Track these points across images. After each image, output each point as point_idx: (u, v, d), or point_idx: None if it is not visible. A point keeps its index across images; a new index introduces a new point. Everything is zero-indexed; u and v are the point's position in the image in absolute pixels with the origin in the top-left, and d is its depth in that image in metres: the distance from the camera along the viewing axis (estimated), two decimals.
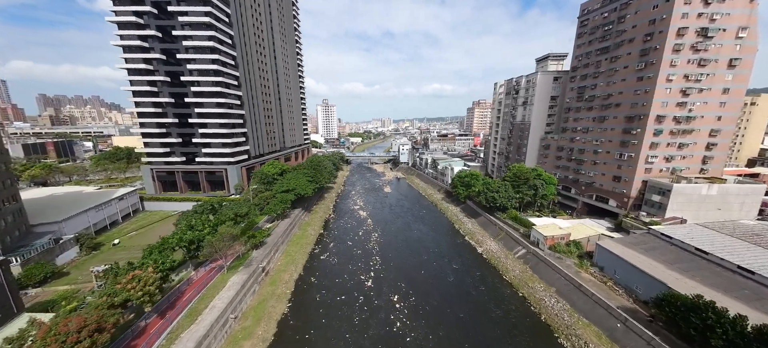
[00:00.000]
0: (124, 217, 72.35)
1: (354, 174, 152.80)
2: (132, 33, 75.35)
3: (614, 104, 64.84)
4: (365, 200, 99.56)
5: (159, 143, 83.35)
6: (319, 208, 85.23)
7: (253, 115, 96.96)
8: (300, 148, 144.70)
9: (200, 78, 78.78)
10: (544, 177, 72.12)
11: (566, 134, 76.99)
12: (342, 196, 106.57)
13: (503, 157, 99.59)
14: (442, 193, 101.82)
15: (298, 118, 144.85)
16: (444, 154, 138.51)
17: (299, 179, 75.13)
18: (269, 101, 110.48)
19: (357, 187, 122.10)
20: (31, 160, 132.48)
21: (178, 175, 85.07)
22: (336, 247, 60.39)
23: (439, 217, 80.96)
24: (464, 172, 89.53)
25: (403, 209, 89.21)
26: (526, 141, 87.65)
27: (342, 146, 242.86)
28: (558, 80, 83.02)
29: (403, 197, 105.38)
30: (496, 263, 52.73)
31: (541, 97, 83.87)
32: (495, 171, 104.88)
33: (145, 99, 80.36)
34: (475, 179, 79.32)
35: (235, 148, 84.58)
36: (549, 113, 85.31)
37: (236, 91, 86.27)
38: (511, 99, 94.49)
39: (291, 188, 70.11)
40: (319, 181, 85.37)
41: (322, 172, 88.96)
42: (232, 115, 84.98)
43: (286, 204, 64.11)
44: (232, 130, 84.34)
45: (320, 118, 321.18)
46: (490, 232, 64.75)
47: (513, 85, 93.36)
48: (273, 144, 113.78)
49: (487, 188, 69.29)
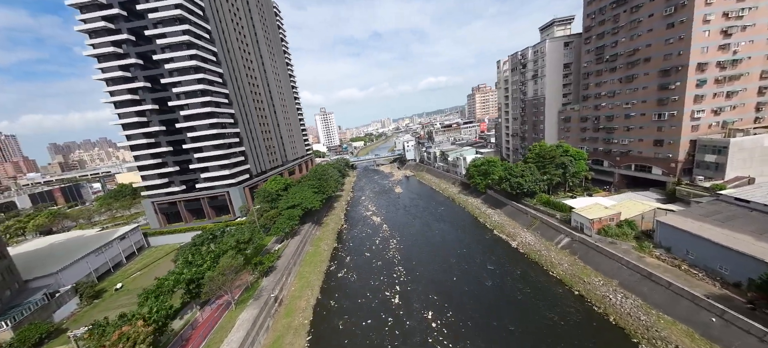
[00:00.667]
0: (128, 257, 68.49)
1: (361, 178, 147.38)
2: (112, 64, 71.73)
3: (643, 60, 57.44)
4: (377, 204, 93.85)
5: (156, 174, 79.50)
6: (330, 219, 79.88)
7: (250, 131, 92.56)
8: (303, 159, 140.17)
9: (188, 101, 74.61)
10: (572, 152, 64.99)
11: (588, 102, 69.70)
12: (352, 203, 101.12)
13: (518, 138, 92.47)
14: (457, 185, 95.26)
15: (297, 129, 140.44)
16: (452, 145, 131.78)
17: (305, 192, 69.95)
18: (264, 116, 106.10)
19: (366, 191, 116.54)
20: (39, 208, 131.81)
21: (180, 204, 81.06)
22: (353, 261, 54.73)
23: (459, 213, 74.53)
24: (478, 160, 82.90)
25: (418, 209, 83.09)
26: (543, 117, 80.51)
27: (345, 152, 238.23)
28: (569, 46, 75.76)
29: (416, 196, 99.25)
30: (538, 257, 46.11)
31: (552, 67, 76.74)
32: (511, 154, 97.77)
33: (136, 131, 76.61)
34: (493, 166, 72.65)
35: (234, 169, 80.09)
36: (564, 83, 78.04)
37: (228, 110, 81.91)
38: (519, 75, 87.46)
39: (297, 203, 64.94)
40: (326, 191, 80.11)
41: (328, 181, 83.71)
42: (227, 135, 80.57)
43: (294, 221, 58.92)
44: (229, 151, 79.90)
45: (320, 128, 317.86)
46: (521, 221, 58.03)
47: (518, 59, 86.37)
48: (274, 159, 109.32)
49: (509, 174, 62.62)
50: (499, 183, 67.32)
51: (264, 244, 58.74)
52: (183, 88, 73.68)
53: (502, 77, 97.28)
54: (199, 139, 76.84)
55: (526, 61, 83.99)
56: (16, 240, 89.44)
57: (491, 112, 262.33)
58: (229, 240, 43.12)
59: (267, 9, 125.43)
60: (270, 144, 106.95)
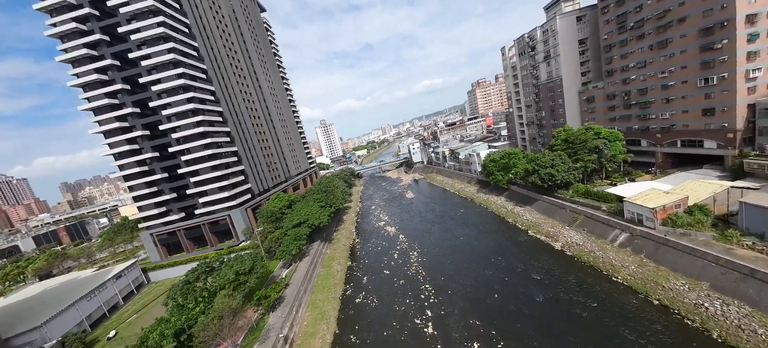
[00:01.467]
0: (126, 297, 62.91)
1: (368, 187, 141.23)
2: (98, 92, 67.75)
3: (676, 21, 50.68)
4: (389, 213, 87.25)
5: (153, 204, 74.52)
6: (341, 234, 73.44)
7: (248, 149, 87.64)
8: (307, 173, 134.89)
9: (179, 122, 69.95)
10: (604, 134, 57.93)
11: (614, 77, 62.83)
12: (362, 214, 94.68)
13: (535, 126, 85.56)
14: (473, 184, 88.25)
15: (298, 143, 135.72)
16: (461, 142, 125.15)
17: (310, 207, 63.92)
18: (263, 132, 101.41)
19: (375, 200, 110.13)
20: (43, 250, 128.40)
21: (180, 234, 75.66)
22: (372, 282, 48.00)
23: (482, 214, 67.43)
24: (495, 153, 76.09)
25: (435, 214, 76.20)
26: (561, 100, 73.70)
27: (349, 161, 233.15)
28: (583, 20, 69.40)
29: (429, 199, 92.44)
30: (592, 260, 38.84)
31: (566, 45, 70.32)
32: (528, 144, 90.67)
33: (128, 160, 72.07)
34: (515, 159, 65.76)
35: (234, 190, 74.72)
36: (582, 60, 71.40)
37: (223, 128, 77.09)
38: (528, 58, 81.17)
39: (303, 220, 58.87)
40: (334, 204, 73.99)
41: (335, 193, 77.70)
42: (224, 154, 75.54)
43: (301, 241, 52.75)
44: (228, 171, 74.72)
45: (322, 140, 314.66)
46: (560, 218, 50.78)
47: (526, 42, 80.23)
48: (277, 176, 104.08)
49: (537, 165, 55.67)
50: (524, 177, 60.31)
51: (270, 271, 52.53)
52: (173, 110, 69.18)
53: (509, 64, 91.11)
54: (194, 162, 71.87)
55: (534, 42, 77.79)
56: (14, 287, 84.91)
57: (494, 106, 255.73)
58: (227, 272, 37.08)
59: (257, 25, 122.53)
60: (271, 160, 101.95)
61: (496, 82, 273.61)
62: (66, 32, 64.94)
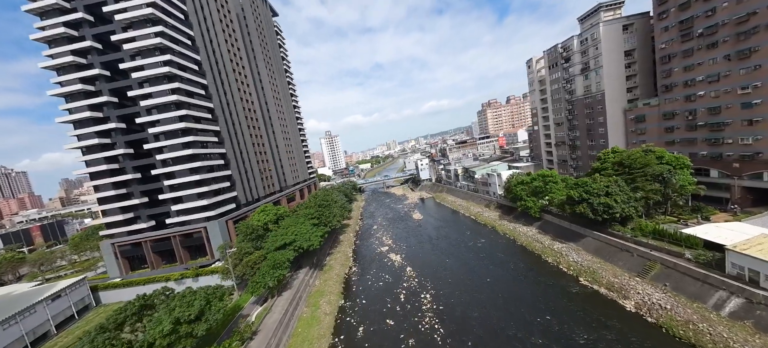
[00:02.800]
0: (61, 325, 50.42)
1: (370, 203, 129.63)
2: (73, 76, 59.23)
3: (764, 26, 40.97)
4: (394, 236, 75.21)
5: (119, 209, 63.71)
6: (335, 259, 61.27)
7: (240, 153, 77.70)
8: (305, 183, 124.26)
9: (160, 116, 60.59)
10: (668, 159, 46.91)
11: (674, 93, 52.65)
12: (362, 234, 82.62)
13: (566, 146, 74.88)
14: (492, 208, 76.48)
15: (298, 151, 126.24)
16: (475, 161, 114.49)
17: (300, 226, 52.52)
18: (259, 135, 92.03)
19: (378, 218, 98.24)
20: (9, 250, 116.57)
21: (146, 246, 64.09)
22: (370, 337, 35.54)
23: (509, 247, 55.26)
24: (521, 175, 65.05)
25: (449, 241, 64.08)
26: (603, 118, 63.42)
27: (352, 174, 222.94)
28: (630, 29, 60.50)
29: (441, 222, 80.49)
30: (693, 336, 26.58)
31: (611, 55, 61.04)
32: (556, 167, 79.60)
33: (97, 155, 62.19)
34: (551, 182, 54.54)
35: (215, 198, 63.90)
36: (628, 74, 61.78)
37: (211, 126, 67.47)
38: (561, 71, 71.99)
39: (289, 241, 47.30)
40: (329, 221, 62.48)
41: (332, 208, 66.41)
42: (208, 156, 65.41)
43: (282, 269, 41.01)
44: (210, 175, 64.26)
45: (325, 151, 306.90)
46: (623, 264, 38.67)
47: (559, 53, 71.36)
48: (271, 185, 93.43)
49: (586, 192, 44.26)
50: (567, 205, 48.71)
51: (239, 307, 40.43)
52: (154, 100, 60.07)
53: (536, 78, 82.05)
54: (172, 162, 61.75)
55: (570, 53, 68.81)
56: None
57: (505, 127, 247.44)
58: (163, 320, 25.39)
59: (267, 27, 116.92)
60: (265, 167, 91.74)
61: (507, 103, 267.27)
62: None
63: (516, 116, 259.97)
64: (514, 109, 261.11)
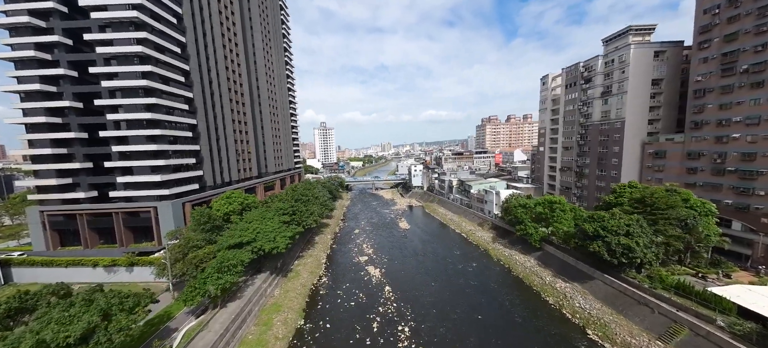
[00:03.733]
0: None
1: (356, 203, 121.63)
2: (21, 6, 49.17)
3: None
4: (376, 244, 67.59)
5: (55, 171, 53.55)
6: (304, 265, 52.97)
7: (214, 128, 68.47)
8: (288, 173, 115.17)
9: (120, 68, 51.17)
10: (693, 202, 41.41)
11: (703, 132, 47.47)
12: (341, 238, 74.58)
13: (572, 173, 69.37)
14: (486, 228, 70.05)
15: (286, 137, 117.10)
16: (472, 174, 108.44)
17: (267, 221, 44.10)
18: (242, 113, 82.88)
19: (361, 221, 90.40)
20: None
21: (82, 220, 54.08)
22: None
23: (503, 276, 48.52)
24: (522, 198, 58.94)
25: (436, 259, 56.99)
26: (618, 147, 58.03)
27: (342, 170, 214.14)
28: (661, 56, 55.45)
29: (428, 235, 73.45)
30: None
31: (637, 81, 55.78)
32: (557, 192, 74.04)
33: (37, 104, 52.10)
34: (559, 210, 48.30)
35: (173, 174, 54.69)
36: (652, 105, 56.66)
37: (182, 91, 58.21)
38: (579, 91, 66.56)
39: (247, 240, 38.85)
40: (304, 221, 54.23)
41: (310, 205, 58.16)
42: (173, 125, 56.15)
43: (230, 275, 32.63)
44: (172, 147, 55.07)
45: (317, 143, 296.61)
46: (641, 320, 32.35)
47: (580, 72, 65.92)
48: (248, 169, 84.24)
49: (602, 228, 38.01)
50: (577, 240, 42.36)
51: (169, 315, 31.82)
52: (114, 48, 50.70)
53: (550, 96, 76.55)
54: (126, 125, 52.26)
55: (592, 73, 63.38)
56: None
57: (502, 145, 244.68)
58: (43, 332, 16.80)
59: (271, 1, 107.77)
60: (244, 149, 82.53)
61: (507, 122, 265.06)
62: None
63: (514, 136, 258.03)
64: (513, 128, 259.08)
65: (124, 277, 44.33)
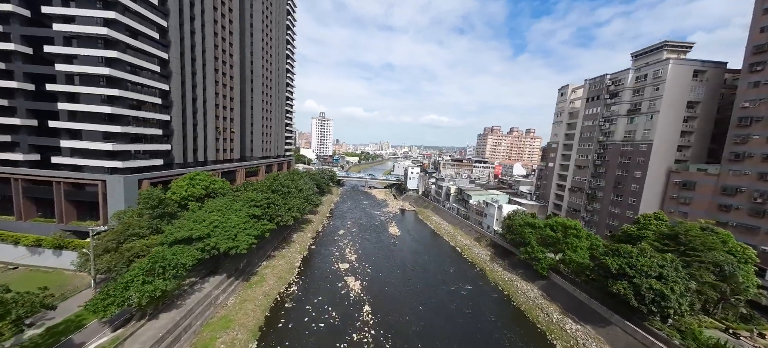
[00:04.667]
0: None
1: (346, 200, 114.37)
2: None
3: None
4: (360, 250, 60.60)
5: None
6: (272, 268, 45.53)
7: (192, 99, 60.51)
8: (277, 160, 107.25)
9: (77, 11, 43.07)
10: (732, 246, 35.42)
11: (744, 165, 41.53)
12: (323, 238, 67.35)
13: (583, 194, 63.28)
14: (484, 245, 63.61)
15: (278, 121, 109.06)
16: (472, 184, 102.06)
17: (232, 214, 36.62)
18: (229, 87, 74.87)
19: (348, 221, 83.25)
20: None
21: (16, 185, 45.83)
22: None
23: (502, 308, 41.92)
24: (527, 217, 52.64)
25: (427, 278, 50.26)
26: (641, 172, 51.96)
27: (336, 164, 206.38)
28: (700, 76, 49.46)
29: (420, 246, 66.70)
30: None
31: (671, 102, 49.70)
32: (564, 214, 67.98)
33: None
34: (573, 236, 41.88)
35: (132, 145, 46.85)
36: (683, 129, 50.67)
37: (155, 50, 50.13)
38: (602, 106, 60.37)
39: (199, 235, 31.39)
40: (281, 216, 46.85)
41: (290, 199, 50.78)
42: (139, 87, 48.15)
43: (169, 279, 25.23)
44: (133, 113, 47.16)
45: (314, 133, 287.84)
46: None
47: (606, 84, 59.68)
48: (229, 150, 76.34)
49: (629, 266, 31.62)
50: (595, 275, 35.99)
51: (79, 324, 24.36)
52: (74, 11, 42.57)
53: (567, 108, 70.31)
54: (79, 80, 44.15)
55: (619, 88, 57.18)
56: None
57: (502, 157, 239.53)
58: None
59: None
60: (227, 126, 74.58)
61: (509, 134, 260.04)
62: None
63: (515, 149, 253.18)
64: (514, 141, 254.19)
65: (49, 260, 36.59)
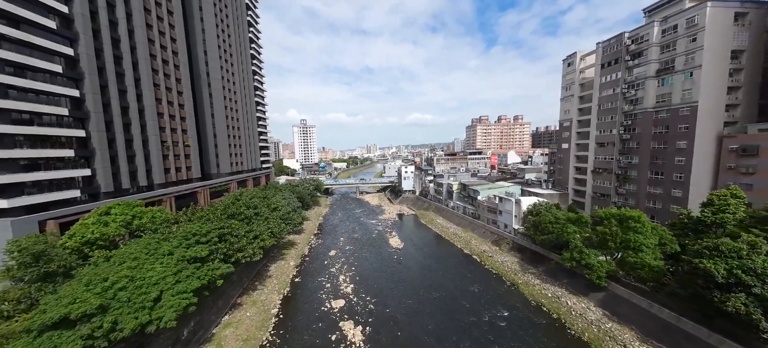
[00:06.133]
0: None
1: (337, 210, 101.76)
2: None
3: None
4: (357, 275, 48.66)
5: None
6: (238, 323, 32.69)
7: (120, 108, 46.63)
8: (252, 174, 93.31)
9: None
10: None
11: None
12: (309, 265, 54.84)
13: (612, 175, 54.34)
14: (506, 249, 53.27)
15: (249, 131, 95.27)
16: (474, 178, 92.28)
17: (158, 263, 23.76)
18: (174, 89, 61.15)
19: (340, 236, 70.91)
20: None
21: None
22: None
23: (551, 334, 31.25)
24: (564, 212, 42.70)
25: (447, 301, 39.08)
26: (685, 141, 43.22)
27: (322, 172, 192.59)
28: (741, 20, 41.45)
29: (430, 259, 55.46)
30: None
31: (714, 52, 41.31)
32: (588, 201, 58.99)
33: None
34: (634, 230, 31.87)
35: (23, 175, 32.95)
36: (730, 85, 42.44)
37: (53, 43, 36.36)
38: (622, 71, 51.70)
39: (88, 311, 18.53)
40: (243, 249, 34.13)
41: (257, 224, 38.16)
42: (29, 95, 34.34)
43: None
44: (23, 130, 33.29)
45: (297, 142, 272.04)
46: None
47: (625, 45, 51.00)
48: (182, 169, 62.40)
49: (743, 271, 21.62)
50: (682, 285, 25.93)
51: None
52: None
53: (577, 79, 61.62)
54: None
55: (642, 46, 48.61)
56: None
57: (493, 146, 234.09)
58: None
59: None
60: (176, 140, 60.68)
61: (498, 122, 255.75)
62: None
63: (505, 137, 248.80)
64: (504, 129, 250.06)
65: None
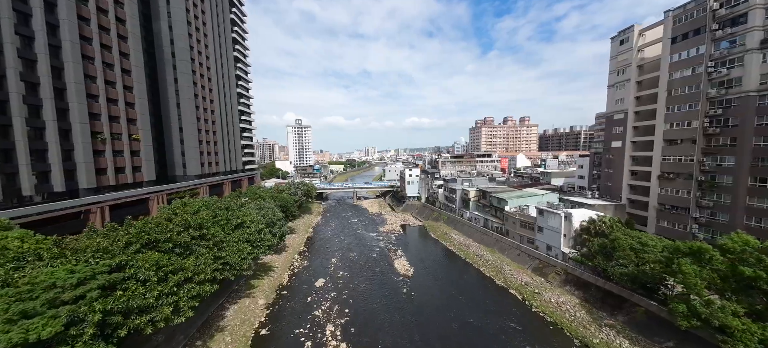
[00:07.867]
0: None
1: (330, 220, 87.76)
2: None
3: None
4: (353, 322, 34.91)
5: None
6: None
7: (16, 82, 32.86)
8: (229, 177, 79.22)
9: None
10: None
11: None
12: (286, 304, 40.84)
13: (692, 182, 41.22)
14: (557, 282, 39.81)
15: (229, 129, 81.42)
16: (493, 183, 78.91)
17: None
18: (117, 64, 47.27)
19: (332, 256, 56.85)
20: None
21: None
22: None
23: None
24: (645, 235, 29.68)
25: None
26: None
27: (317, 174, 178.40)
28: None
29: (452, 291, 41.68)
30: None
31: None
32: (657, 220, 45.75)
33: None
34: None
35: None
36: None
37: None
38: (708, 44, 38.95)
39: None
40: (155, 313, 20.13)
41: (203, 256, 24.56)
42: None
43: None
44: None
45: (291, 143, 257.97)
46: None
47: (710, 9, 38.25)
48: (128, 169, 48.30)
49: None
50: None
51: None
52: None
53: (634, 60, 48.92)
54: None
55: (739, 8, 35.99)
56: None
57: (499, 149, 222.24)
58: None
59: None
60: (119, 132, 46.55)
61: (504, 124, 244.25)
62: None
63: (511, 139, 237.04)
64: (510, 130, 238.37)
65: None
